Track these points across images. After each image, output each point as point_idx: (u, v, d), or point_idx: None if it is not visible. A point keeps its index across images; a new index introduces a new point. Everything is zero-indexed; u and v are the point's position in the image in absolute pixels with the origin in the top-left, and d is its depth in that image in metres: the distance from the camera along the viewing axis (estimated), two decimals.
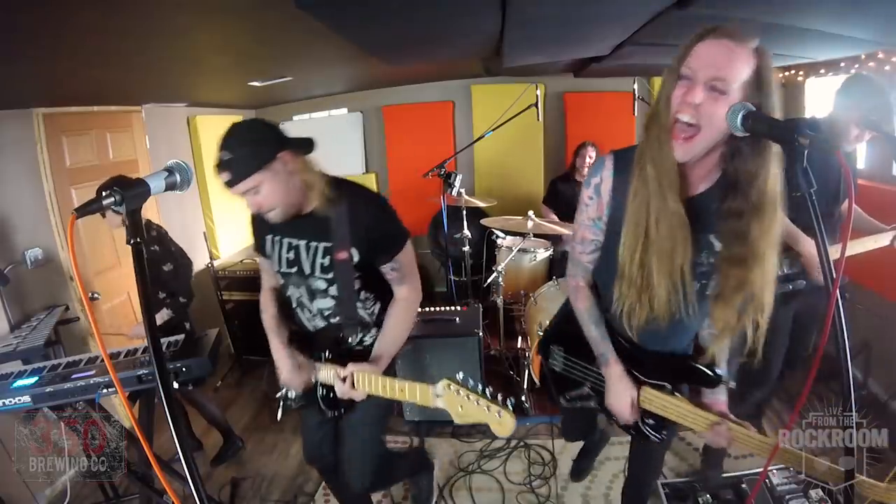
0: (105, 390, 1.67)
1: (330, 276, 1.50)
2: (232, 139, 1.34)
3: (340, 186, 1.50)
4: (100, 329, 1.08)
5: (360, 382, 1.43)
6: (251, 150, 1.34)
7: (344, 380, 1.43)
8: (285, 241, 1.54)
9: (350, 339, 1.57)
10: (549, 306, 2.89)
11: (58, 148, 2.87)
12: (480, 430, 2.84)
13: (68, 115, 2.93)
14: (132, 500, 2.26)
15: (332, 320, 1.58)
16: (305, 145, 1.47)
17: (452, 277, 3.98)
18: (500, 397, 1.13)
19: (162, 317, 2.52)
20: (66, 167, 2.93)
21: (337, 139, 4.76)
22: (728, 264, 1.08)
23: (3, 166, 2.59)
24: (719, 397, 1.31)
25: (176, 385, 1.75)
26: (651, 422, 1.40)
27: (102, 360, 1.82)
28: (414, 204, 4.58)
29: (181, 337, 1.91)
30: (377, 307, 1.62)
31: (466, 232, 3.49)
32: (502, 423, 1.10)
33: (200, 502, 0.75)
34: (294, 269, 1.54)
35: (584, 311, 1.36)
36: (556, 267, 3.58)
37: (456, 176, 3.31)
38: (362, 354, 1.52)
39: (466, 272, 3.70)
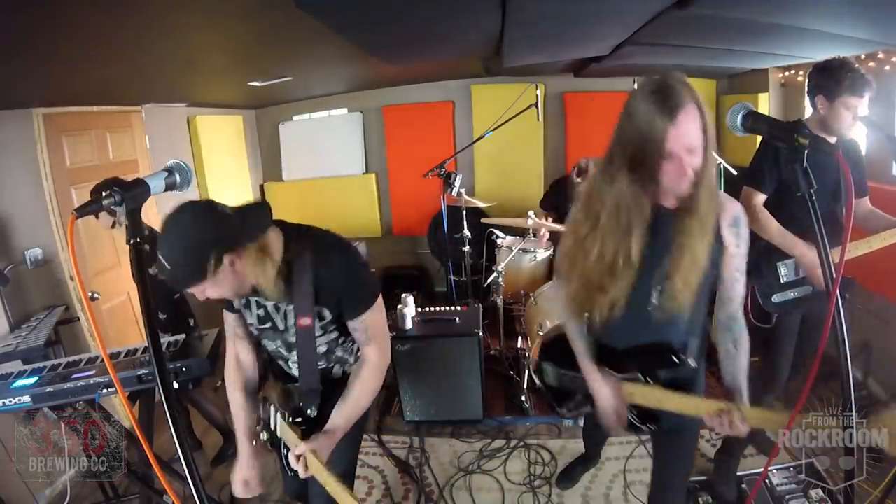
0: (105, 390, 1.67)
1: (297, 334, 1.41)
2: (169, 243, 1.14)
3: (300, 243, 1.34)
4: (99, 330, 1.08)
5: (311, 464, 1.29)
6: (190, 261, 1.15)
7: (298, 458, 1.31)
8: (253, 300, 1.44)
9: (312, 407, 1.45)
10: (549, 306, 2.89)
11: (58, 148, 2.87)
12: (481, 430, 2.84)
13: (68, 115, 2.93)
14: (132, 500, 2.26)
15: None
16: (259, 225, 1.26)
17: (452, 277, 3.98)
18: None
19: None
20: (66, 167, 2.93)
21: (337, 139, 4.76)
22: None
23: (3, 166, 2.59)
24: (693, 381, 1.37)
25: (176, 385, 1.75)
26: (636, 412, 1.41)
27: (102, 360, 1.82)
28: (414, 204, 4.59)
29: (181, 337, 1.91)
30: (356, 346, 1.54)
31: (466, 232, 3.49)
32: None
33: (200, 502, 0.75)
34: (268, 325, 1.46)
35: (568, 322, 1.45)
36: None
37: (456, 176, 3.31)
38: (341, 382, 1.47)
39: (466, 272, 3.70)
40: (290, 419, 1.44)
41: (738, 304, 1.29)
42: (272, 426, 1.49)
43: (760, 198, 1.89)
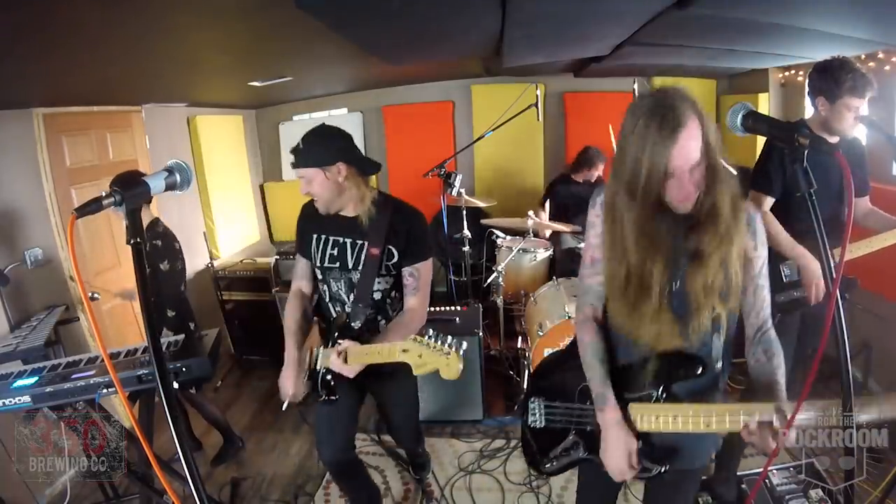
0: (105, 390, 1.66)
1: (361, 268, 1.72)
2: (311, 134, 1.62)
3: (388, 199, 1.74)
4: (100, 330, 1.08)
5: (353, 355, 1.56)
6: (317, 149, 1.60)
7: (339, 354, 1.56)
8: (331, 239, 1.75)
9: (369, 328, 1.73)
10: (549, 306, 2.89)
11: (58, 148, 2.87)
12: (481, 430, 2.84)
13: (68, 115, 2.93)
14: (132, 500, 2.26)
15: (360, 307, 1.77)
16: (368, 166, 1.70)
17: (452, 277, 3.98)
18: (454, 344, 1.33)
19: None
20: (66, 167, 2.93)
21: None
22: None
23: (3, 166, 2.59)
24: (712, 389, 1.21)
25: (176, 385, 1.75)
26: (648, 451, 1.21)
27: (102, 360, 1.82)
28: (414, 204, 4.58)
29: (181, 337, 1.91)
30: (401, 305, 1.78)
31: (466, 232, 3.49)
32: (449, 365, 1.30)
33: (200, 502, 0.74)
34: (337, 264, 1.74)
35: (589, 344, 1.24)
36: (556, 267, 3.58)
37: (456, 176, 3.31)
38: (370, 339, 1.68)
39: (466, 272, 3.70)
40: (333, 343, 1.64)
41: (766, 315, 1.19)
42: (316, 359, 1.73)
43: (768, 202, 1.87)
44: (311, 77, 3.62)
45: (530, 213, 3.41)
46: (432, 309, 3.02)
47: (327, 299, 1.82)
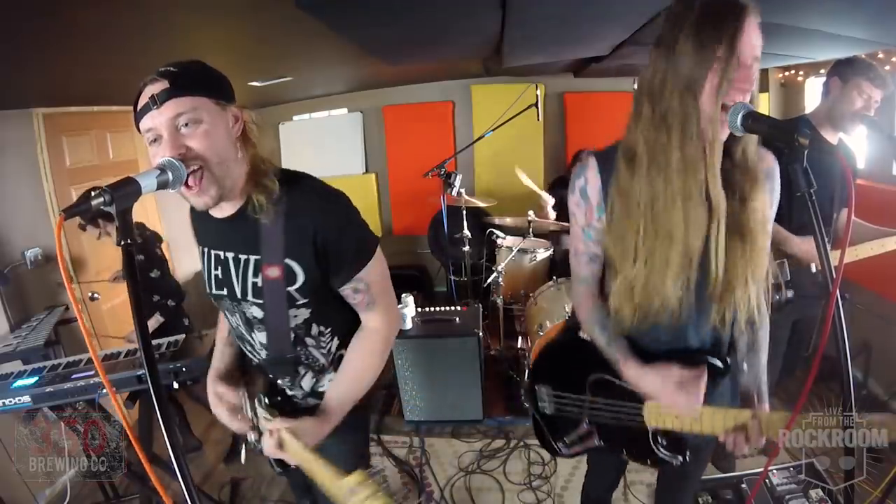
0: (105, 390, 1.67)
1: (261, 301, 1.13)
2: (187, 61, 1.05)
3: (289, 179, 1.10)
4: (99, 330, 1.07)
5: (288, 445, 1.08)
6: (209, 75, 1.04)
7: (270, 434, 1.10)
8: (213, 253, 1.17)
9: (291, 385, 1.24)
10: (549, 306, 2.89)
11: (58, 148, 2.87)
12: (481, 430, 2.84)
13: (68, 115, 2.93)
14: (132, 500, 2.26)
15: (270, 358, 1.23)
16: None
17: (452, 277, 3.98)
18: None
19: (157, 320, 2.55)
20: (66, 167, 2.93)
21: (337, 139, 4.76)
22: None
23: (3, 166, 2.59)
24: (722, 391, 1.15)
25: (175, 385, 1.75)
26: (664, 442, 1.17)
27: (102, 361, 1.82)
28: (414, 204, 4.59)
29: (181, 337, 1.91)
30: (334, 343, 1.23)
31: (466, 232, 3.49)
32: None
33: (192, 502, 0.73)
34: (224, 291, 1.17)
35: (588, 313, 1.17)
36: (557, 267, 3.58)
37: (456, 176, 3.31)
38: (312, 407, 1.20)
39: (466, 272, 3.70)
40: (267, 401, 1.20)
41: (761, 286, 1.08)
42: (253, 416, 1.27)
43: None
44: (311, 77, 3.62)
45: (530, 212, 3.41)
46: (432, 309, 3.03)
47: (235, 336, 1.29)
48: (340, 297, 1.16)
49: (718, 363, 1.09)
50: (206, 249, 1.20)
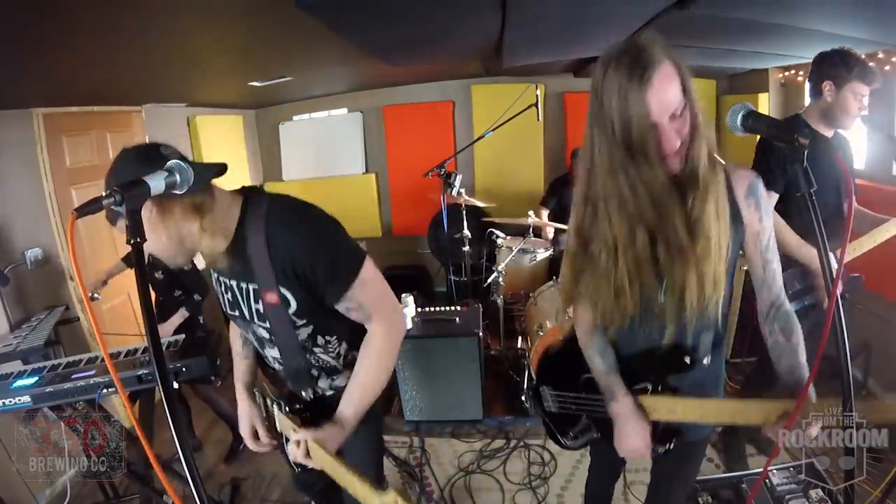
0: (105, 390, 1.67)
1: (267, 324, 1.22)
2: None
3: (250, 209, 1.13)
4: (101, 329, 1.06)
5: (314, 454, 1.15)
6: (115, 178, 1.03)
7: (298, 444, 1.17)
8: (221, 279, 1.25)
9: (308, 390, 1.32)
10: (549, 306, 2.89)
11: (58, 148, 2.87)
12: (481, 430, 2.84)
13: (68, 115, 2.93)
14: (132, 500, 2.26)
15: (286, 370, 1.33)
16: (200, 174, 0.97)
17: (452, 277, 3.98)
18: None
19: (182, 315, 2.53)
20: (66, 167, 2.93)
21: (337, 139, 4.76)
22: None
23: (3, 166, 2.59)
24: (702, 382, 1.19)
25: (176, 385, 1.75)
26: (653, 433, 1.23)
27: (102, 360, 1.82)
28: (414, 204, 4.59)
29: (181, 337, 1.91)
30: (343, 347, 1.31)
31: (466, 232, 3.49)
32: None
33: (200, 502, 0.74)
34: (237, 313, 1.27)
35: (588, 337, 1.23)
36: (557, 267, 3.57)
37: (456, 176, 3.31)
38: (333, 401, 1.26)
39: (466, 272, 3.70)
40: (287, 408, 1.29)
41: (778, 288, 1.11)
42: (272, 417, 1.39)
43: (773, 199, 1.79)
44: (311, 77, 3.62)
45: (531, 212, 3.42)
46: (432, 309, 3.03)
47: (254, 349, 1.42)
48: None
49: (686, 360, 1.15)
50: (216, 275, 1.27)
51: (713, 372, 1.23)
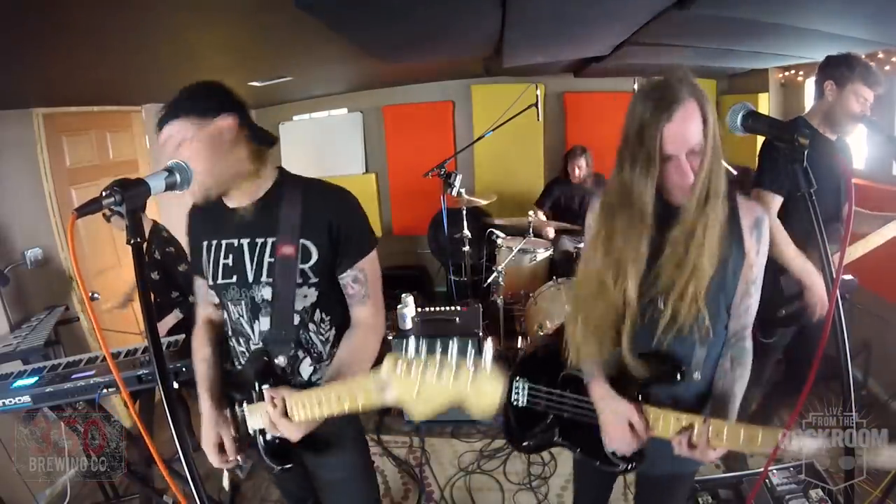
0: (105, 390, 1.67)
1: (271, 281, 1.20)
2: (191, 85, 1.18)
3: (296, 178, 1.28)
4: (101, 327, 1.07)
5: (294, 410, 1.10)
6: (194, 98, 1.15)
7: (275, 406, 1.10)
8: (224, 243, 1.24)
9: (291, 371, 1.25)
10: (549, 306, 2.89)
11: (58, 148, 2.87)
12: (480, 430, 2.84)
13: (68, 115, 2.93)
14: (132, 500, 2.26)
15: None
16: (263, 136, 1.24)
17: (452, 277, 3.98)
18: (474, 356, 0.77)
19: (176, 315, 2.54)
20: (66, 167, 2.93)
21: (337, 139, 4.76)
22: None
23: (3, 166, 2.59)
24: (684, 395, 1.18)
25: (175, 385, 1.75)
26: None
27: (102, 360, 1.82)
28: (414, 204, 4.59)
29: (181, 337, 1.91)
30: (332, 333, 1.29)
31: (466, 232, 3.49)
32: (481, 394, 0.70)
33: (200, 501, 0.74)
34: (233, 279, 1.23)
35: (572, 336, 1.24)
36: (557, 267, 3.58)
37: (456, 176, 3.31)
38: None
39: (466, 272, 3.70)
40: (259, 388, 1.20)
41: (746, 323, 1.16)
42: (244, 423, 1.28)
43: (777, 202, 1.77)
44: (311, 77, 3.62)
45: (531, 211, 3.42)
46: (432, 309, 3.03)
47: (230, 333, 1.32)
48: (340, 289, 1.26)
49: (677, 375, 1.13)
50: (212, 242, 1.27)
51: (703, 388, 1.20)
